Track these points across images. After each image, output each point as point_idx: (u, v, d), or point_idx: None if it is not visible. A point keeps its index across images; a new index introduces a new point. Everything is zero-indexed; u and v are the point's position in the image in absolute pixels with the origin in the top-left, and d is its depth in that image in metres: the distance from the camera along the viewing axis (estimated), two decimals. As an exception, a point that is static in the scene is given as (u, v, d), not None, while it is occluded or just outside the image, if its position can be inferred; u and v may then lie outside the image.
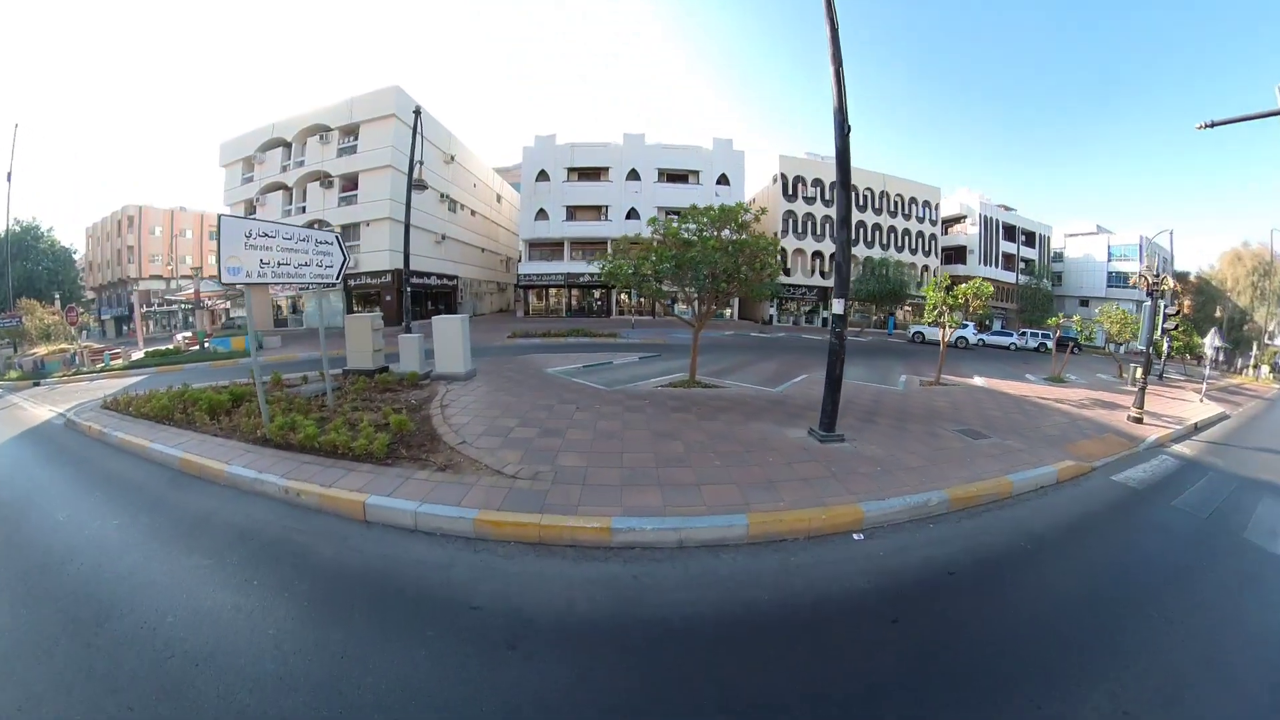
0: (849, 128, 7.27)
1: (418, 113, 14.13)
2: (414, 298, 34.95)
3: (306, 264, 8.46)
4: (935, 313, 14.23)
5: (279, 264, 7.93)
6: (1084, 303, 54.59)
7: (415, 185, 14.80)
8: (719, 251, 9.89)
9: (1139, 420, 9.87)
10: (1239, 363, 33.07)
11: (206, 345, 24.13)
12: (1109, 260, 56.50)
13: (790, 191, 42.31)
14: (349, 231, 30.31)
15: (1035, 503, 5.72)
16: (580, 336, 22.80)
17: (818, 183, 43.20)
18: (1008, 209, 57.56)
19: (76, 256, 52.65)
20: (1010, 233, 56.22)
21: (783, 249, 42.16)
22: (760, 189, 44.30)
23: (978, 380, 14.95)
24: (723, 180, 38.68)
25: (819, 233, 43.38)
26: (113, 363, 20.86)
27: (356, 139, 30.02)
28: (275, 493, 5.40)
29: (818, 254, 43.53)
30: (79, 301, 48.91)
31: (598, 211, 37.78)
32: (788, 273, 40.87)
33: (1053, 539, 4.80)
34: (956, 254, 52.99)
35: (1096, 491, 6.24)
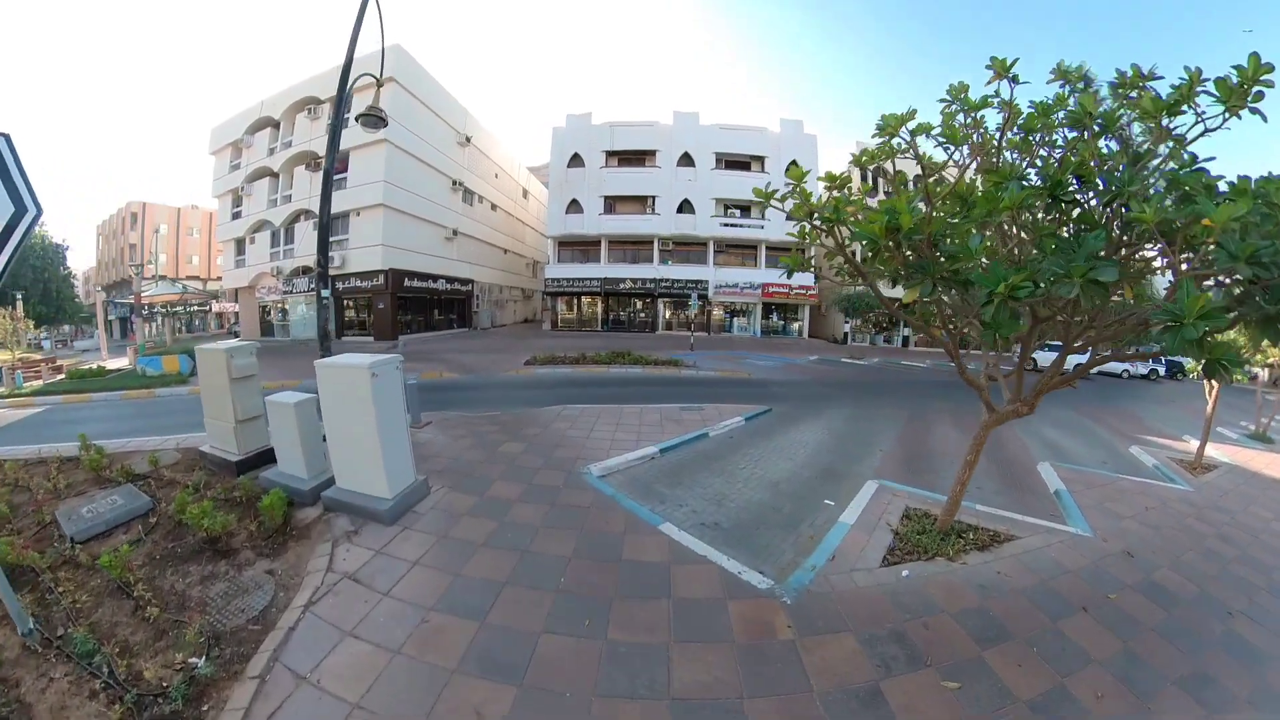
0: None
1: (369, -16, 7.88)
2: (418, 304, 29.08)
3: None
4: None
5: None
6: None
7: (366, 119, 8.69)
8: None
9: None
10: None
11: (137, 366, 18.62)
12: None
13: (871, 185, 35.22)
14: (337, 224, 24.57)
15: None
16: (627, 364, 16.24)
17: (901, 174, 36.11)
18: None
19: (76, 253, 49.29)
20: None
21: (862, 252, 35.11)
22: (832, 181, 37.29)
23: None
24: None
25: (902, 233, 36.17)
26: (25, 385, 16.04)
27: (349, 111, 24.31)
28: None
29: (900, 259, 36.27)
30: (68, 302, 45.38)
31: (642, 203, 31.29)
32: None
33: None
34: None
35: None
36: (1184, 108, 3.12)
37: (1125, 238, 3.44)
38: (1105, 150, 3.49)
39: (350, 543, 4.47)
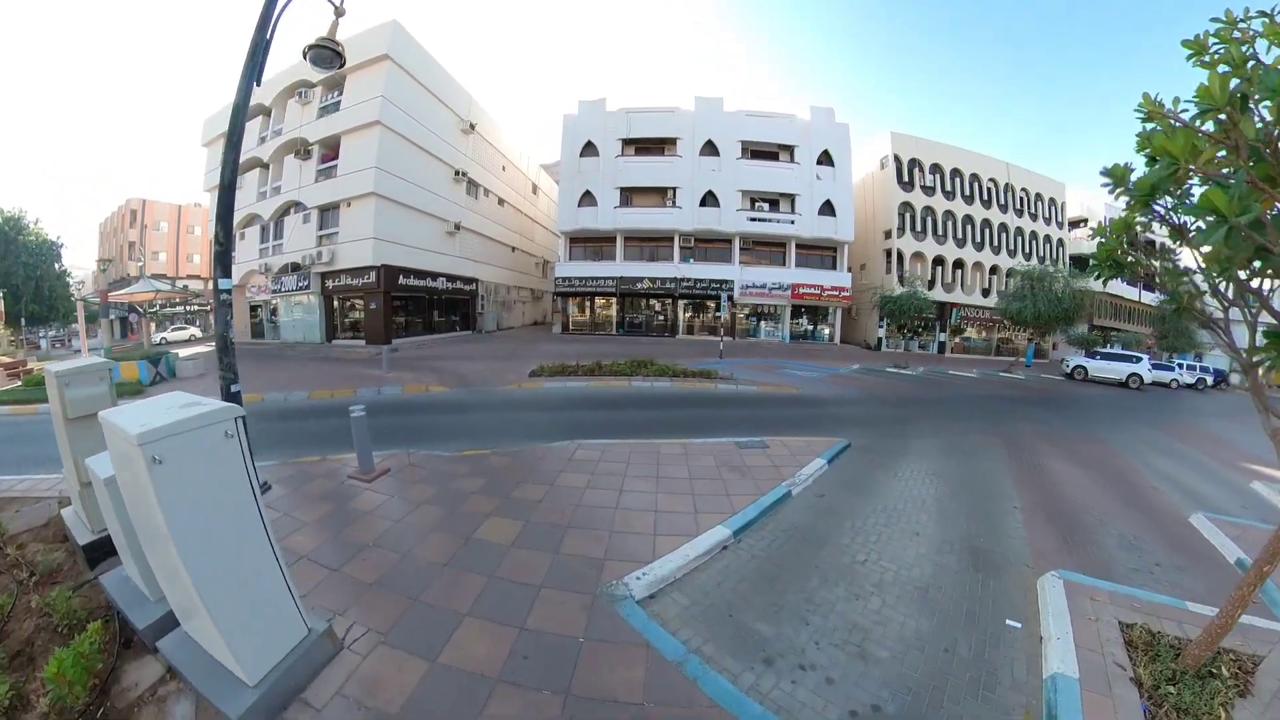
0: None
1: None
2: (416, 305, 26.34)
3: None
4: None
5: None
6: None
7: (317, 53, 6.34)
8: None
9: None
10: None
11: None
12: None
13: (906, 179, 32.50)
14: (327, 216, 22.38)
15: None
16: (652, 376, 13.74)
17: (937, 169, 33.42)
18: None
19: (79, 254, 47.88)
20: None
21: (899, 251, 32.33)
22: (864, 173, 34.57)
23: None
24: (824, 159, 29.26)
25: (940, 232, 33.42)
26: (-33, 397, 13.93)
27: (341, 94, 22.14)
28: None
29: (939, 259, 33.51)
30: (62, 301, 43.79)
31: (662, 195, 28.70)
32: (902, 282, 31.02)
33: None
34: (1077, 264, 41.59)
35: None
36: None
37: None
38: None
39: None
